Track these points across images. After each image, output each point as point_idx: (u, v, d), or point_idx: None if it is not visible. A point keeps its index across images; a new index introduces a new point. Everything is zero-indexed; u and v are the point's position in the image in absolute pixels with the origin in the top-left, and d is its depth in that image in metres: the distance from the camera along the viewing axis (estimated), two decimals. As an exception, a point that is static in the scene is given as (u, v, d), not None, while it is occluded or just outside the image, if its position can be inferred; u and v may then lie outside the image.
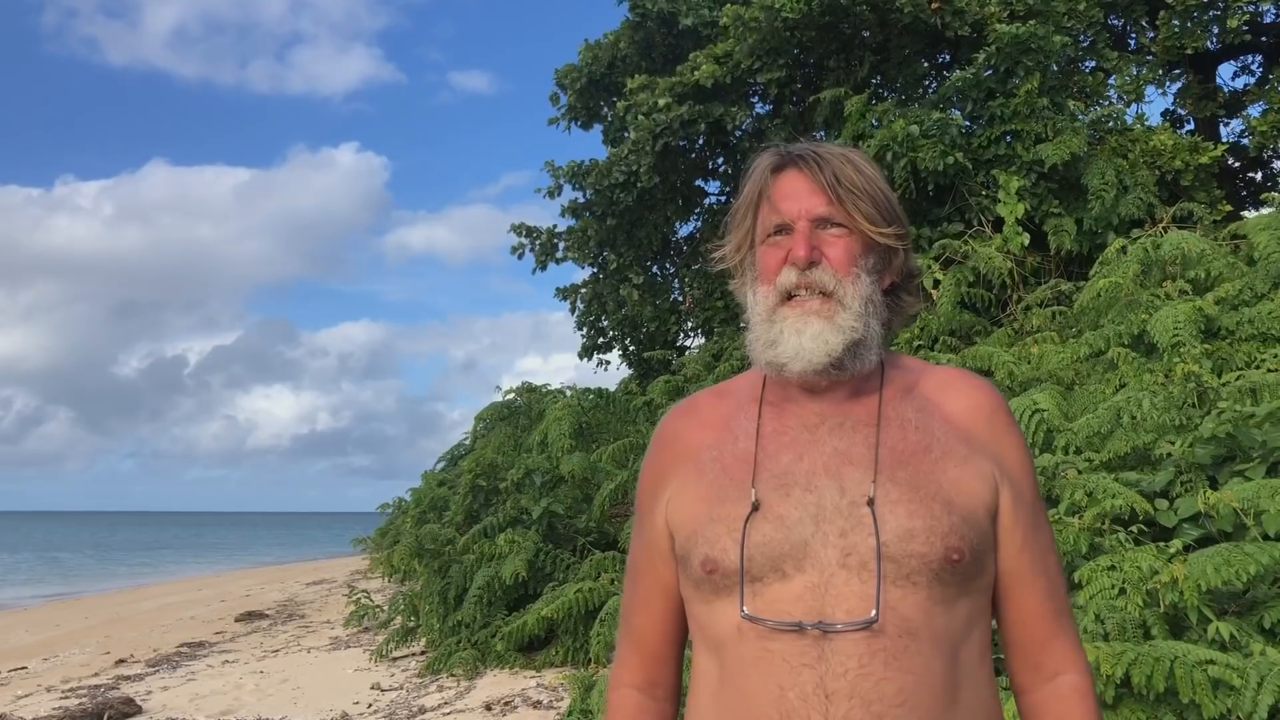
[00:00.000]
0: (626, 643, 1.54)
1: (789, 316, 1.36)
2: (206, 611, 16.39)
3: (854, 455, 1.34)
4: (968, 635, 1.32)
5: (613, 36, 13.48)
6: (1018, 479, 1.39)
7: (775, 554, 1.29)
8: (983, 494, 1.34)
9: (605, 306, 15.66)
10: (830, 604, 1.26)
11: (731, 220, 1.47)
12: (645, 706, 1.51)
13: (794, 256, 1.36)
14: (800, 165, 1.40)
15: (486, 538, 9.12)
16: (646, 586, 1.50)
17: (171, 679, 9.43)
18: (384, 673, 8.76)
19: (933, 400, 1.41)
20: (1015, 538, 1.37)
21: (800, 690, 1.24)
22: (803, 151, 1.42)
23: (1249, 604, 3.71)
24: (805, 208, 1.38)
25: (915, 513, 1.28)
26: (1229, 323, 6.12)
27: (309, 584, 21.51)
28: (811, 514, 1.30)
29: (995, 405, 1.42)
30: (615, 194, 12.63)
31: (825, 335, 1.34)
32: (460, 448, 14.59)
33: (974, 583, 1.32)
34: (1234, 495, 3.89)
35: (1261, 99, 10.75)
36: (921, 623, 1.26)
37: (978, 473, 1.35)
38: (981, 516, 1.33)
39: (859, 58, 11.81)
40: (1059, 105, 9.90)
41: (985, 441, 1.38)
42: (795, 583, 1.28)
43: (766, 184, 1.42)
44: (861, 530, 1.28)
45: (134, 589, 24.49)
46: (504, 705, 7.05)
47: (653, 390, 10.68)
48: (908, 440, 1.35)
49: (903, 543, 1.27)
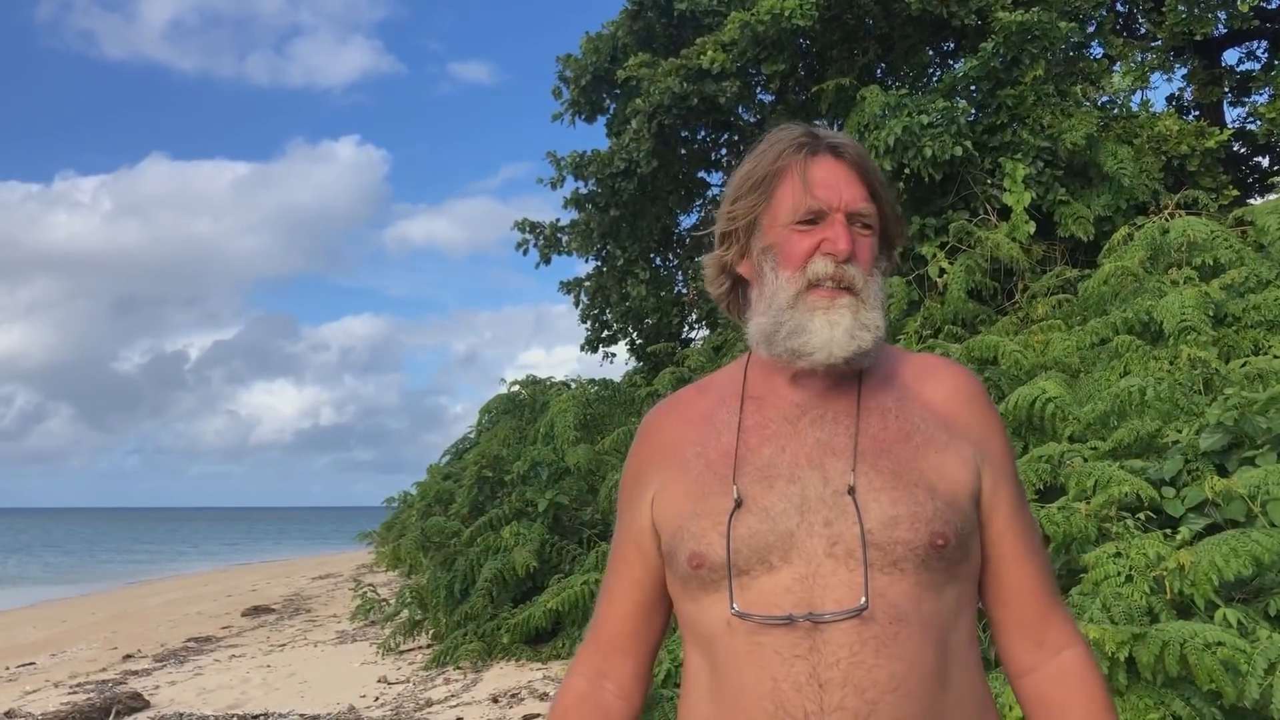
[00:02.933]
0: (589, 633, 1.55)
1: (820, 306, 1.34)
2: (213, 606, 16.42)
3: (835, 445, 1.34)
4: (956, 620, 1.32)
5: (612, 26, 13.44)
6: (999, 462, 1.40)
7: (761, 546, 1.29)
8: (965, 479, 1.34)
9: (609, 299, 15.65)
10: (819, 594, 1.26)
11: (739, 185, 1.42)
12: (585, 695, 1.50)
13: (835, 249, 1.34)
14: (839, 154, 1.39)
15: (492, 530, 9.12)
16: (616, 577, 1.50)
17: (179, 674, 9.45)
18: (390, 666, 8.76)
19: (912, 388, 1.41)
20: (1000, 518, 1.38)
21: (794, 681, 1.25)
22: (839, 141, 1.40)
23: (1255, 591, 3.70)
24: (846, 199, 1.36)
25: (898, 500, 1.29)
26: (1236, 309, 6.09)
27: (315, 578, 21.54)
28: (796, 505, 1.30)
29: (973, 390, 1.43)
30: (617, 183, 12.60)
31: (855, 331, 1.33)
32: (465, 441, 14.60)
33: (960, 567, 1.33)
34: (1241, 482, 3.87)
35: (1268, 85, 10.69)
36: (910, 609, 1.26)
37: (959, 458, 1.35)
38: (964, 501, 1.33)
39: (863, 47, 11.77)
40: (1064, 92, 9.86)
41: (966, 426, 1.39)
42: (783, 574, 1.28)
43: (797, 164, 1.38)
44: (846, 519, 1.28)
45: (140, 585, 24.54)
46: (510, 697, 7.05)
47: (660, 382, 10.67)
48: (888, 428, 1.36)
49: (887, 530, 1.27)
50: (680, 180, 13.91)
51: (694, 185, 14.49)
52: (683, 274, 15.71)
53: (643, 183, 12.67)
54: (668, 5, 12.68)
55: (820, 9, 10.71)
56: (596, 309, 16.05)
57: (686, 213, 14.97)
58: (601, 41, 13.51)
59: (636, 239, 13.93)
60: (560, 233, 14.92)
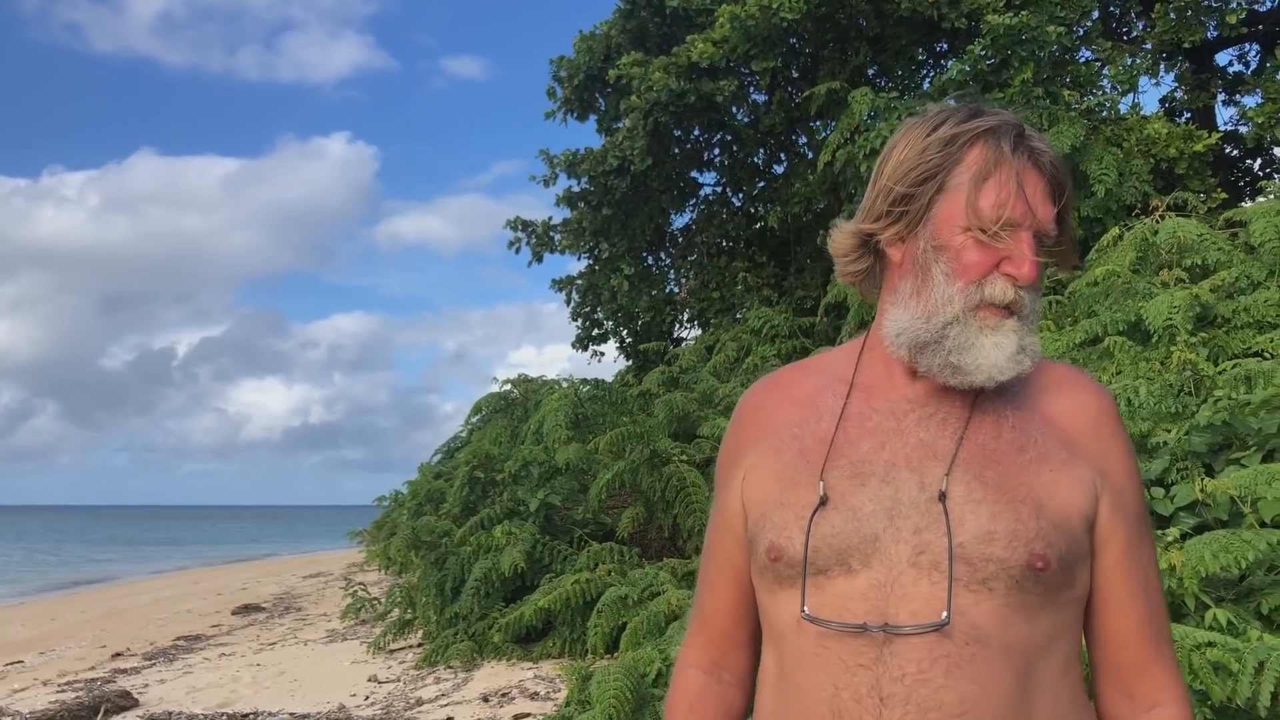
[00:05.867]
0: (696, 622, 1.49)
1: (989, 326, 1.25)
2: (203, 605, 16.38)
3: (938, 448, 1.26)
4: (1048, 649, 1.22)
5: (606, 26, 13.44)
6: (1120, 489, 1.29)
7: (843, 547, 1.23)
8: (1079, 501, 1.24)
9: (600, 297, 15.65)
10: (894, 604, 1.19)
11: (918, 158, 1.27)
12: (708, 688, 1.45)
13: (1022, 275, 1.23)
14: (1040, 163, 1.26)
15: (483, 530, 9.11)
16: (716, 564, 1.44)
17: (168, 672, 9.42)
18: (381, 665, 8.75)
19: (1036, 399, 1.31)
20: (1113, 551, 1.27)
21: (854, 691, 1.19)
22: (1041, 147, 1.27)
23: (1245, 591, 3.71)
24: (1040, 219, 1.25)
25: (998, 514, 1.20)
26: (1225, 310, 6.11)
27: (305, 577, 21.50)
28: (886, 507, 1.23)
29: (1102, 409, 1.32)
30: (610, 181, 12.60)
31: (1018, 356, 1.25)
32: (456, 440, 14.59)
33: (1061, 594, 1.23)
34: (1230, 483, 3.89)
35: (1258, 88, 10.73)
36: (994, 631, 1.18)
37: (1076, 478, 1.25)
38: (1076, 524, 1.23)
39: (855, 48, 11.79)
40: (1054, 95, 9.88)
41: (1088, 447, 1.28)
42: (861, 579, 1.21)
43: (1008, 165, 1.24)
44: (937, 528, 1.20)
45: (130, 583, 24.46)
46: (501, 697, 7.05)
47: (649, 381, 10.66)
48: (1001, 439, 1.27)
49: (981, 545, 1.19)
50: (673, 179, 13.91)
51: (687, 185, 14.49)
52: (675, 273, 15.72)
53: (636, 181, 12.67)
54: (660, 3, 12.68)
55: (811, 4, 10.71)
56: (588, 307, 16.05)
57: (679, 212, 14.97)
58: (595, 41, 13.51)
59: (628, 237, 13.93)
60: (552, 231, 14.92)
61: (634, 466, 8.31)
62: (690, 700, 1.45)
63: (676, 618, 5.99)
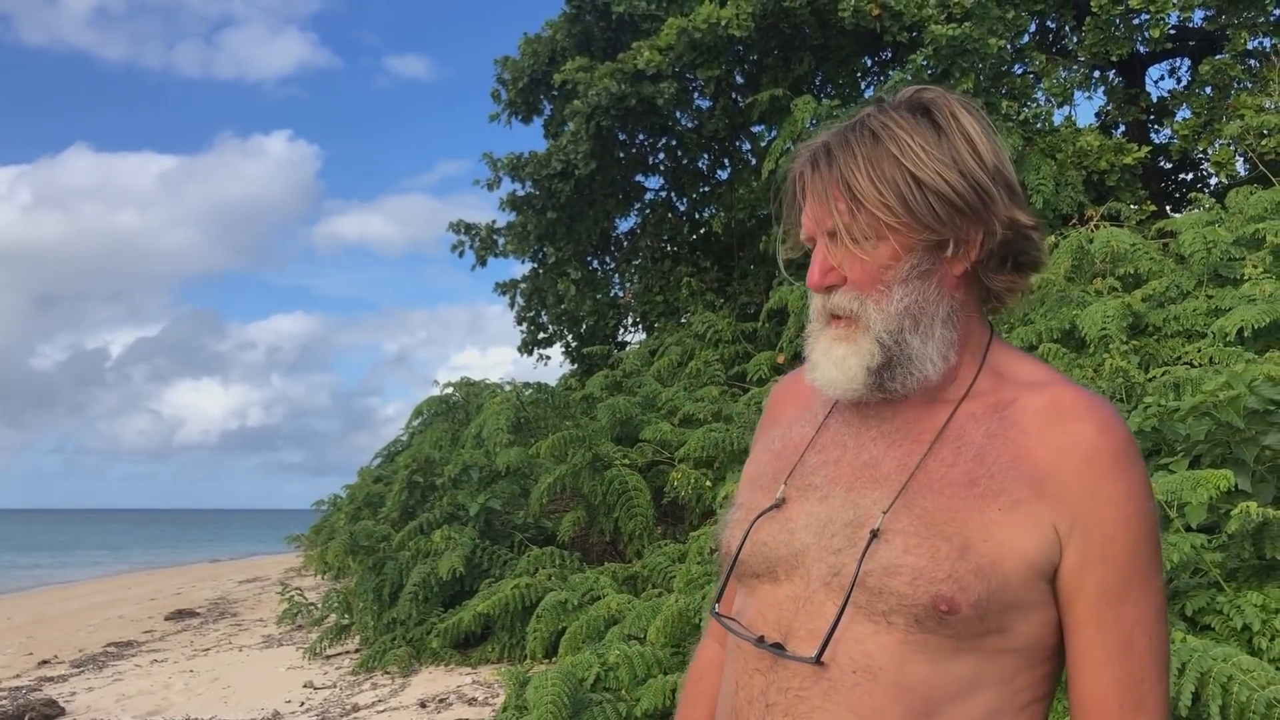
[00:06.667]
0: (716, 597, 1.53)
1: (821, 339, 1.26)
2: (135, 610, 16.03)
3: (882, 472, 1.22)
4: (965, 697, 1.15)
5: (551, 29, 13.42)
6: (1105, 538, 1.15)
7: (772, 556, 1.26)
8: (1023, 547, 1.13)
9: (545, 301, 15.60)
10: (802, 619, 1.21)
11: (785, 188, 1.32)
12: (718, 656, 1.48)
13: (809, 283, 1.24)
14: (816, 166, 1.23)
15: (422, 534, 9.03)
16: None
17: (97, 679, 9.20)
18: (317, 670, 8.63)
19: (1020, 426, 1.19)
20: (1081, 606, 1.16)
21: (749, 692, 1.24)
22: (819, 147, 1.24)
23: (1171, 594, 3.79)
24: (818, 221, 1.23)
25: (913, 548, 1.15)
26: (1156, 319, 6.25)
27: (242, 581, 21.14)
28: (819, 524, 1.24)
29: (1098, 447, 1.16)
30: (554, 184, 12.56)
31: (848, 362, 1.22)
32: (397, 443, 14.43)
33: (985, 641, 1.14)
34: (1159, 488, 3.97)
35: (1186, 102, 10.99)
36: (888, 665, 1.15)
37: (1027, 522, 1.14)
38: (1012, 571, 1.13)
39: (799, 57, 11.89)
40: (993, 105, 10.05)
41: (1068, 487, 1.15)
42: (783, 589, 1.24)
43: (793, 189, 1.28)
44: (852, 553, 1.19)
45: (59, 588, 23.87)
46: (439, 702, 6.98)
47: (592, 385, 10.64)
48: (956, 466, 1.19)
49: (885, 576, 1.15)
50: (618, 183, 13.90)
51: (632, 189, 14.49)
52: (619, 277, 15.71)
53: (580, 185, 12.64)
54: (606, 8, 12.69)
55: (756, 19, 10.80)
56: (532, 311, 16.00)
57: (624, 216, 14.97)
58: (540, 44, 13.47)
59: (573, 241, 13.90)
60: (497, 234, 14.83)
61: (576, 470, 8.29)
62: (701, 668, 1.53)
63: (616, 622, 5.97)
